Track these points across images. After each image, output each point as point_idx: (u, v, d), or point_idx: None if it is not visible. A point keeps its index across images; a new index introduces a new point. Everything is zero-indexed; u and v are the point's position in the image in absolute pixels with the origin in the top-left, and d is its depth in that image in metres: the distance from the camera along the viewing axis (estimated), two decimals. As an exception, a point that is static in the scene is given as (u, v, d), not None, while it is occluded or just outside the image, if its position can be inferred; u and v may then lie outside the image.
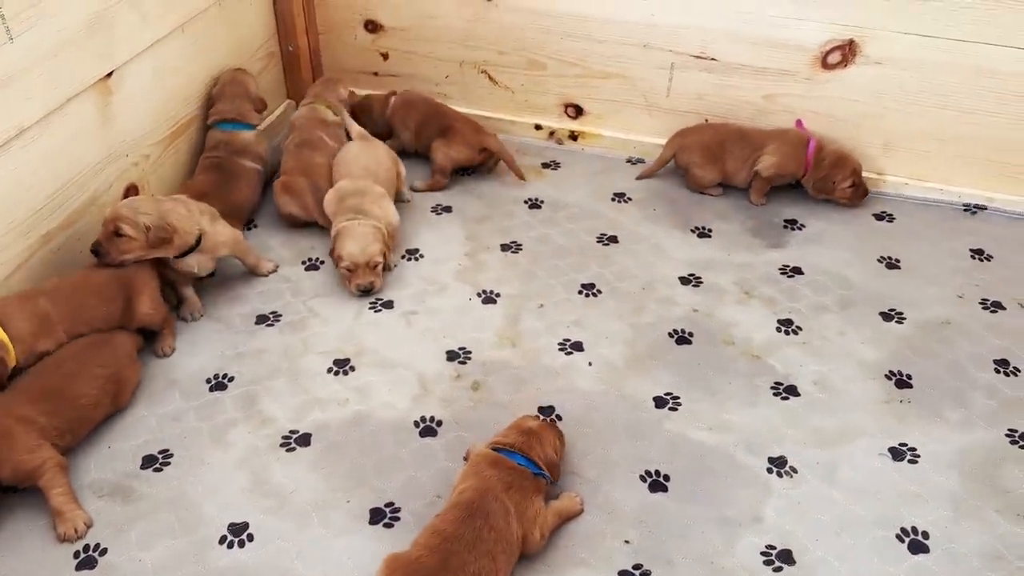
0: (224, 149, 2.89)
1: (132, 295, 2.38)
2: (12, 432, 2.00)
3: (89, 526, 2.02)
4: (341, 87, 3.27)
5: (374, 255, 2.61)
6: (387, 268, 2.73)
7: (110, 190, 2.61)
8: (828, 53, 2.94)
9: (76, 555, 1.97)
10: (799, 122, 3.07)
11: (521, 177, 3.15)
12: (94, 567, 1.95)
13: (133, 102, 2.64)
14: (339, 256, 2.61)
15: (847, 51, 2.92)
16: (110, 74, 2.52)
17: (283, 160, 2.99)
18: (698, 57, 3.08)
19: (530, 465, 1.98)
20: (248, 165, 2.92)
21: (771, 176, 3.00)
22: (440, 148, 3.11)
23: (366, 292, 2.64)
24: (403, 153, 3.21)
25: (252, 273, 2.75)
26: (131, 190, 2.68)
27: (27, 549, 1.99)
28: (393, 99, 3.26)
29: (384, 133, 3.25)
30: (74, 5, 2.35)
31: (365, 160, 2.87)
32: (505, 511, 1.86)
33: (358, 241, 2.60)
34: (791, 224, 2.99)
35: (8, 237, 2.29)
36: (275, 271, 2.76)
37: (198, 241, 2.49)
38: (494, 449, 2.00)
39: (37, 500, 2.05)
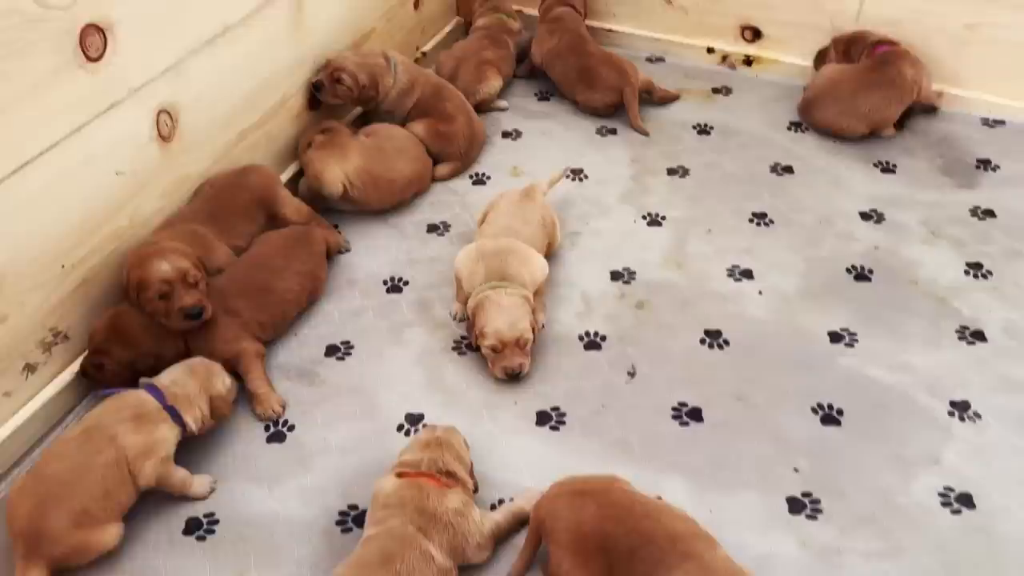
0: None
1: (271, 208, 2.45)
2: (216, 323, 2.15)
3: (284, 407, 2.16)
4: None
5: (524, 331, 2.16)
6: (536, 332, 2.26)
7: (298, 93, 2.71)
8: (1047, -22, 2.68)
9: (267, 428, 2.12)
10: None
11: (643, 132, 3.00)
12: (283, 441, 2.10)
13: (322, 9, 2.71)
14: (482, 333, 2.17)
15: (1071, -24, 2.66)
16: (304, -21, 2.60)
17: (466, 44, 3.23)
18: (897, -21, 2.88)
19: None
20: None
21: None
22: (582, 95, 3.08)
23: (514, 377, 2.19)
24: (533, 73, 3.31)
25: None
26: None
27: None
28: (544, 47, 3.19)
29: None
30: (279, -92, 2.42)
31: (509, 220, 2.41)
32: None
33: (505, 315, 2.16)
34: (984, 164, 2.79)
35: (210, 131, 2.43)
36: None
37: None
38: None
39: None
